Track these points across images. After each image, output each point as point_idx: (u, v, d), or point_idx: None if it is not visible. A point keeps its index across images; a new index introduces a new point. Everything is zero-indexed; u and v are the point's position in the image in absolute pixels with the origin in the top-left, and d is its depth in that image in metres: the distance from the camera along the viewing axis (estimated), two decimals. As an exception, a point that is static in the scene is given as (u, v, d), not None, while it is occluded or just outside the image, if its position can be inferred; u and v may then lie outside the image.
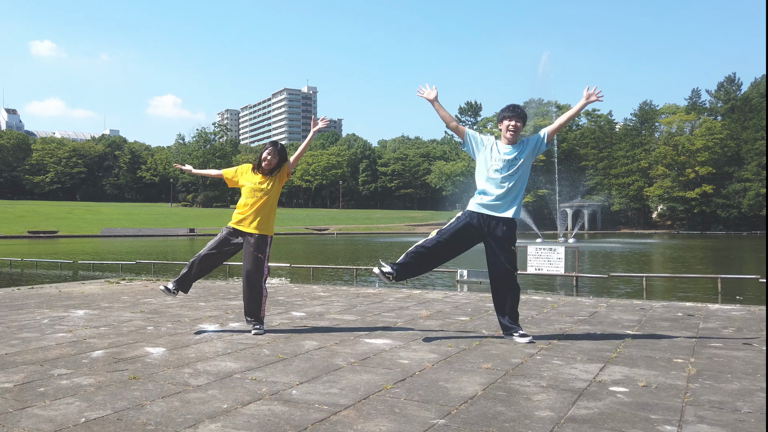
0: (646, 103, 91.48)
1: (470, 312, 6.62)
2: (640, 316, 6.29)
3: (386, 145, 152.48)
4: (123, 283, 10.29)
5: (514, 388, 3.48)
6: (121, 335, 5.18)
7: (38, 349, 4.58)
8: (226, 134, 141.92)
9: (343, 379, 3.66)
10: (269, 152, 5.35)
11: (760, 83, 79.76)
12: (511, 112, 4.96)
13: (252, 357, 4.30)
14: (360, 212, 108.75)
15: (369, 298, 7.93)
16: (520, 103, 5.03)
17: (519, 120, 4.93)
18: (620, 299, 8.21)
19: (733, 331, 5.36)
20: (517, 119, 4.93)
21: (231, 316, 6.35)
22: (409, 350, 4.53)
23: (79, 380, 3.66)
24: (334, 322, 5.92)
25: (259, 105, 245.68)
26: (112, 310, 6.83)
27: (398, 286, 12.59)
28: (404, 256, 4.96)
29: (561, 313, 6.51)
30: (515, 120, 4.93)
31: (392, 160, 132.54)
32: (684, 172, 76.71)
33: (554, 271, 12.26)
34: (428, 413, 3.00)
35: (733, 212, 73.76)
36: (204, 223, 79.21)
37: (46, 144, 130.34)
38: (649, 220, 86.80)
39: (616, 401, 3.21)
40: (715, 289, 11.58)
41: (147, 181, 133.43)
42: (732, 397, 3.30)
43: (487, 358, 4.24)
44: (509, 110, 4.98)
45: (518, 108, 4.99)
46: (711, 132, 75.40)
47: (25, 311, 6.72)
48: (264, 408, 3.10)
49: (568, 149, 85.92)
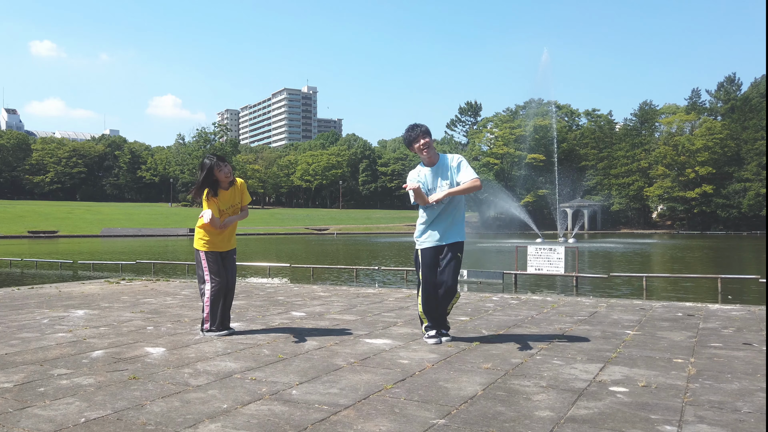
0: (646, 103, 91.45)
1: (470, 312, 6.62)
2: (640, 316, 6.29)
3: (386, 145, 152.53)
4: (123, 283, 10.28)
5: (514, 388, 3.47)
6: (121, 335, 5.18)
7: (38, 349, 4.58)
8: (226, 134, 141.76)
9: (343, 379, 3.66)
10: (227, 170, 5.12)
11: (760, 83, 79.74)
12: (413, 131, 4.79)
13: (252, 357, 4.30)
14: (360, 212, 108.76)
15: (369, 298, 7.93)
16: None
17: (426, 136, 4.78)
18: (620, 299, 8.21)
19: (733, 331, 5.36)
20: (423, 135, 4.77)
21: (231, 316, 6.34)
22: (409, 350, 4.53)
23: (79, 380, 3.66)
24: (334, 322, 5.92)
25: (259, 105, 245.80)
26: (112, 310, 6.83)
27: (398, 286, 12.58)
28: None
29: (561, 313, 6.51)
30: (422, 138, 4.76)
31: (392, 160, 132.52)
32: (684, 172, 76.70)
33: (554, 271, 12.26)
34: (428, 413, 3.00)
35: (733, 212, 73.74)
36: (204, 223, 79.08)
37: (46, 144, 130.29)
38: (649, 220, 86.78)
39: (616, 401, 3.21)
40: (714, 289, 11.58)
41: (147, 181, 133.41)
42: (732, 397, 3.30)
43: (487, 358, 4.24)
44: (412, 131, 4.81)
45: (418, 126, 4.81)
46: (711, 132, 75.39)
47: (25, 311, 6.72)
48: (264, 408, 3.10)
49: (568, 149, 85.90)
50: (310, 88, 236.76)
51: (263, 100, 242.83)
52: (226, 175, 5.06)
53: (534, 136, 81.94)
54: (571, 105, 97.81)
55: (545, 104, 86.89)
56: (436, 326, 4.85)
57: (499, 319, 6.07)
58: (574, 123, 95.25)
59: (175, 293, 8.61)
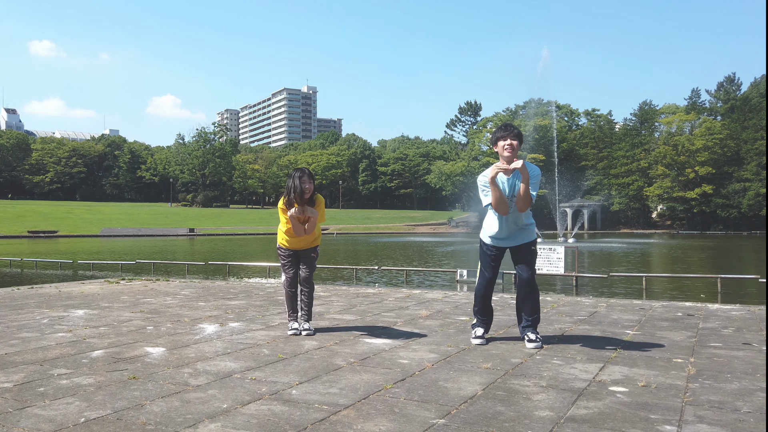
0: (646, 103, 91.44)
1: (470, 312, 6.62)
2: (640, 316, 6.29)
3: (386, 145, 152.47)
4: (123, 283, 10.28)
5: (514, 388, 3.48)
6: (120, 335, 5.18)
7: (38, 349, 4.58)
8: (226, 134, 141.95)
9: (343, 379, 3.66)
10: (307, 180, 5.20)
11: (760, 83, 79.71)
12: (505, 131, 4.75)
13: (252, 357, 4.30)
14: (360, 212, 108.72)
15: (369, 298, 7.93)
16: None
17: (516, 138, 4.73)
18: (620, 299, 8.21)
19: (733, 331, 5.36)
20: (512, 138, 4.72)
21: (231, 316, 6.35)
22: (409, 350, 4.53)
23: (78, 380, 3.66)
24: (334, 322, 5.92)
25: (259, 105, 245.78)
26: (111, 310, 6.83)
27: (398, 286, 12.58)
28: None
29: (561, 313, 6.51)
30: (510, 138, 4.71)
31: (392, 160, 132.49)
32: (684, 172, 76.67)
33: (554, 271, 12.26)
34: (428, 413, 3.00)
35: (733, 212, 73.71)
36: (204, 222, 79.20)
37: (45, 144, 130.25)
38: (648, 220, 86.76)
39: (615, 401, 3.21)
40: (714, 289, 11.58)
41: (147, 180, 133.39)
42: (732, 397, 3.30)
43: (486, 358, 4.24)
44: (504, 130, 4.77)
45: (513, 127, 4.79)
46: (711, 132, 75.35)
47: (25, 311, 6.72)
48: (264, 408, 3.10)
49: (568, 149, 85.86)
50: (309, 88, 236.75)
51: (263, 100, 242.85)
52: (305, 189, 5.13)
53: (534, 135, 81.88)
54: (571, 105, 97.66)
55: (545, 104, 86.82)
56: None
57: (499, 319, 6.07)
58: (574, 123, 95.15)
59: (175, 293, 8.61)
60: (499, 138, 4.79)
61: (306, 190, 5.06)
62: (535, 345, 4.62)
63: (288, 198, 5.14)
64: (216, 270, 17.27)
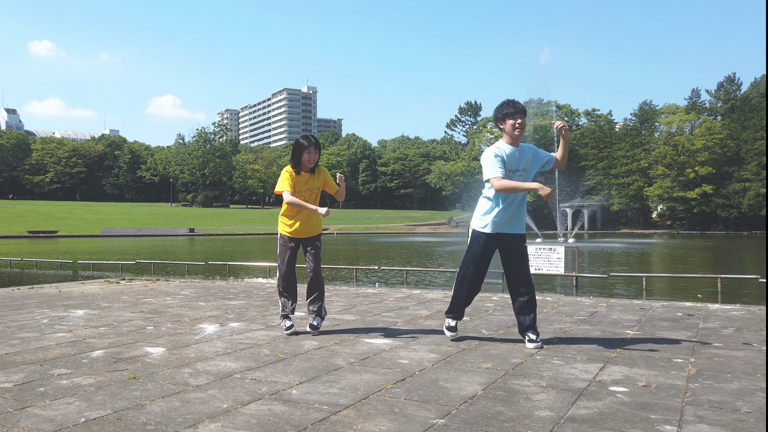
0: (646, 103, 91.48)
1: (470, 312, 6.61)
2: (640, 316, 6.29)
3: (386, 145, 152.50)
4: (123, 283, 10.28)
5: (514, 388, 3.48)
6: (120, 335, 5.18)
7: (38, 349, 4.58)
8: (226, 134, 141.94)
9: (343, 379, 3.66)
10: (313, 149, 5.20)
11: (760, 83, 79.72)
12: (513, 107, 4.65)
13: (252, 357, 4.30)
14: (360, 212, 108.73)
15: (369, 298, 7.93)
16: (520, 102, 4.76)
17: (524, 116, 4.68)
18: (620, 299, 8.20)
19: (733, 331, 5.36)
20: (521, 116, 4.64)
21: (231, 316, 6.35)
22: (409, 350, 4.53)
23: (78, 380, 3.66)
24: (334, 322, 5.92)
25: (259, 105, 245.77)
26: (111, 310, 6.83)
27: (398, 286, 12.58)
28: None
29: (561, 313, 6.51)
30: (520, 117, 4.64)
31: (392, 160, 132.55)
32: (684, 172, 76.68)
33: (554, 271, 12.26)
34: (428, 413, 3.00)
35: (733, 212, 73.71)
36: (204, 222, 79.18)
37: (45, 144, 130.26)
38: (649, 220, 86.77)
39: (615, 401, 3.21)
40: (714, 289, 11.57)
41: (147, 181, 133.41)
42: (732, 397, 3.30)
43: (486, 358, 4.24)
44: (512, 106, 4.65)
45: (519, 103, 4.69)
46: (711, 132, 75.36)
47: (25, 311, 6.72)
48: (264, 408, 3.10)
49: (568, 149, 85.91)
50: (309, 87, 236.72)
51: (263, 100, 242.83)
52: (309, 160, 5.15)
53: (534, 136, 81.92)
54: (571, 105, 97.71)
55: (545, 104, 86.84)
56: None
57: (499, 319, 6.07)
58: (574, 123, 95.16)
59: (175, 293, 8.61)
60: (507, 115, 4.65)
61: (312, 161, 5.13)
62: (536, 345, 4.62)
63: (296, 167, 5.15)
64: (216, 270, 17.26)
